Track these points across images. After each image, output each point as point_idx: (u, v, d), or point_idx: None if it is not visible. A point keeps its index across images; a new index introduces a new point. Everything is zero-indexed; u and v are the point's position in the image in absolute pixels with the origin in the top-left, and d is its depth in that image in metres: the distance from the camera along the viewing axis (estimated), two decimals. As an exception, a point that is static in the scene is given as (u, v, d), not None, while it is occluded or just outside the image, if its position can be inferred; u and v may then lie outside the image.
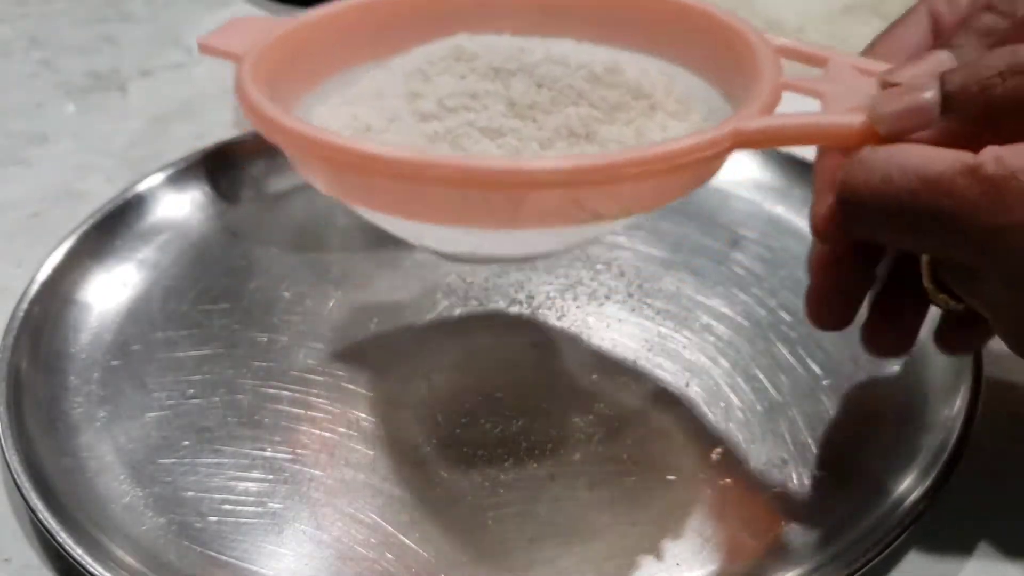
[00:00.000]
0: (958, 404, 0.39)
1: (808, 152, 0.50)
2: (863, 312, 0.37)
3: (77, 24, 0.68)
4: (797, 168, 0.50)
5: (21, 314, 0.42)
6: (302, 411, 0.40)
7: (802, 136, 0.33)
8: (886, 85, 0.33)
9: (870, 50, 0.37)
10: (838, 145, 0.33)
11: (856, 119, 0.32)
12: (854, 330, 0.44)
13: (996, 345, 0.42)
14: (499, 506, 0.37)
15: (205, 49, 0.39)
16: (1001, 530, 0.37)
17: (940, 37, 0.36)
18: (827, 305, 0.36)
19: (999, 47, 0.31)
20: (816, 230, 0.34)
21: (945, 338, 0.37)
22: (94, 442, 0.39)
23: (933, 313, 0.38)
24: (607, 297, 0.45)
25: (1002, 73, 0.30)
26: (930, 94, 0.31)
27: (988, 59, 0.30)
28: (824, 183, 0.34)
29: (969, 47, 0.33)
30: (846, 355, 0.43)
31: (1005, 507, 0.38)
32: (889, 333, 0.37)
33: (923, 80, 0.32)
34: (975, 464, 0.39)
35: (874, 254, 0.36)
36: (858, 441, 0.39)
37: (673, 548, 0.36)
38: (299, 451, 0.39)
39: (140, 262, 0.47)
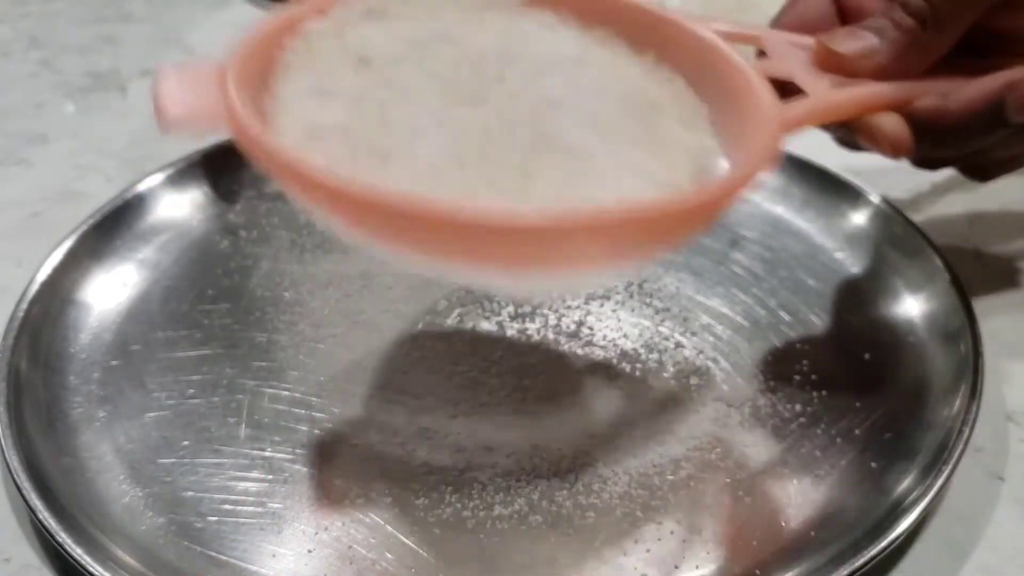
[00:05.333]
0: (958, 404, 0.39)
1: (808, 152, 0.50)
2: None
3: (77, 24, 0.68)
4: (797, 168, 0.50)
5: (21, 314, 0.42)
6: (302, 411, 0.40)
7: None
8: (825, 51, 0.38)
9: (777, 22, 0.41)
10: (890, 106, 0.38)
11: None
12: (853, 331, 0.44)
13: (996, 345, 0.42)
14: (499, 506, 0.37)
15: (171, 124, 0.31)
16: (1001, 530, 0.37)
17: (842, 8, 0.41)
18: None
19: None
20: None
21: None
22: (94, 442, 0.39)
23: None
24: (607, 297, 0.45)
25: None
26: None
27: None
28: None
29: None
30: (846, 355, 0.43)
31: (1005, 507, 0.38)
32: None
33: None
34: (975, 464, 0.39)
35: None
36: (858, 441, 0.39)
37: (673, 548, 0.36)
38: (299, 451, 0.39)
39: (140, 262, 0.47)
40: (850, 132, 0.38)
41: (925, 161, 0.42)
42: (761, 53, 0.39)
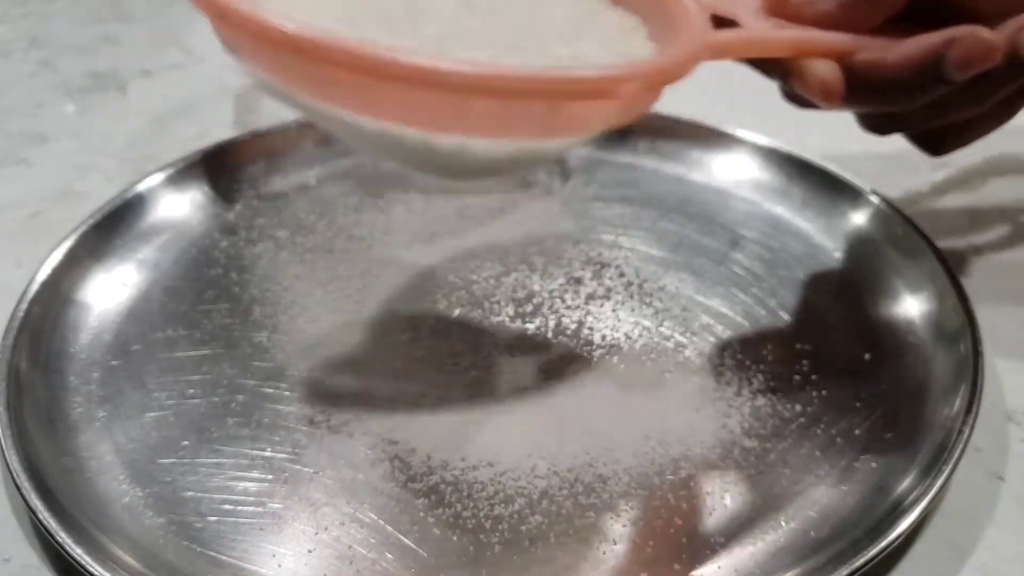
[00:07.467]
0: (958, 404, 0.39)
1: (808, 152, 0.50)
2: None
3: (77, 24, 0.68)
4: (797, 168, 0.50)
5: (21, 314, 0.42)
6: (302, 411, 0.40)
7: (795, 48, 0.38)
8: None
9: None
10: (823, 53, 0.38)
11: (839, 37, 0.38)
12: (853, 331, 0.44)
13: (996, 345, 0.42)
14: (499, 506, 0.37)
15: None
16: (1001, 530, 0.37)
17: None
18: None
19: None
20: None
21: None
22: (94, 442, 0.39)
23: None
24: (607, 297, 0.45)
25: None
26: None
27: None
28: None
29: None
30: (846, 355, 0.43)
31: (1005, 507, 0.38)
32: None
33: None
34: (975, 464, 0.39)
35: None
36: (858, 441, 0.39)
37: (672, 548, 0.36)
38: (299, 451, 0.39)
39: (140, 262, 0.47)
40: (785, 77, 0.39)
41: (871, 122, 0.42)
42: None
